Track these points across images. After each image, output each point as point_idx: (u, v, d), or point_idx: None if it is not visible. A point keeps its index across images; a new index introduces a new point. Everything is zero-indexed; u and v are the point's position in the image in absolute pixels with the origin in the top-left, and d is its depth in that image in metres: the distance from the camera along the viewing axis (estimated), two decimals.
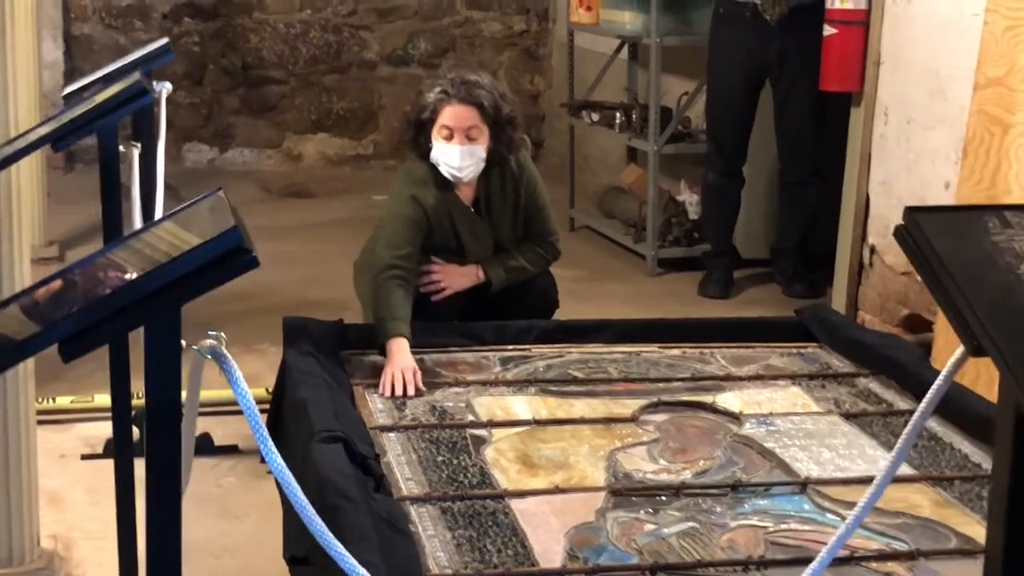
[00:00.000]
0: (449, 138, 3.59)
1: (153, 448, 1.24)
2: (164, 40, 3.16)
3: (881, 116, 4.46)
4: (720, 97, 5.33)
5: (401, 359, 3.21)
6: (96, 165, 2.36)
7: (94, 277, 1.22)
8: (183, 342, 1.27)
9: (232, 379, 1.33)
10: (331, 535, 1.48)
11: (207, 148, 7.77)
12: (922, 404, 1.39)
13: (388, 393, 3.12)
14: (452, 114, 3.59)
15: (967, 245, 1.21)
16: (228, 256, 1.21)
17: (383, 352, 3.29)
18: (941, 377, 1.32)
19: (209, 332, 1.37)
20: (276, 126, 7.84)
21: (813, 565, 1.69)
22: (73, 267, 1.28)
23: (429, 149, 3.64)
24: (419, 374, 3.18)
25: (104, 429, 3.60)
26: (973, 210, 1.36)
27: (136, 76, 2.33)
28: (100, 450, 3.47)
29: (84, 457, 3.46)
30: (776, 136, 5.33)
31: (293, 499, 1.38)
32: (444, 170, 3.63)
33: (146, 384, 1.23)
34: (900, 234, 1.26)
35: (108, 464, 3.40)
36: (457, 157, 3.59)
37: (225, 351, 1.36)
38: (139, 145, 2.57)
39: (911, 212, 1.25)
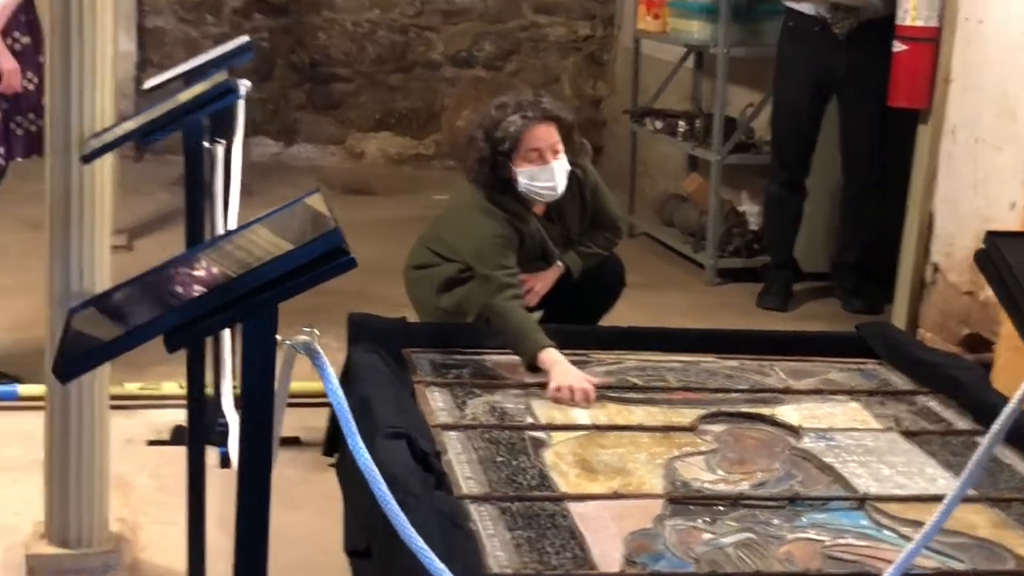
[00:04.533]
0: (539, 159, 3.62)
1: (247, 438, 1.28)
2: (245, 38, 3.22)
3: (949, 134, 4.44)
4: (786, 109, 5.32)
5: (570, 371, 3.27)
6: (165, 155, 2.42)
7: (196, 273, 1.27)
8: (277, 337, 1.32)
9: (324, 374, 1.38)
10: (413, 530, 1.52)
11: (272, 143, 7.85)
12: (994, 427, 1.40)
13: (566, 398, 3.20)
14: (536, 136, 3.62)
15: None
16: (327, 256, 1.25)
17: (532, 368, 3.35)
18: (1014, 400, 1.33)
19: (303, 328, 1.41)
20: (340, 123, 7.92)
21: None
22: (176, 261, 1.33)
23: (506, 180, 3.67)
24: (592, 390, 3.22)
25: (170, 416, 3.67)
26: None
27: (223, 75, 2.39)
28: (167, 437, 3.54)
29: (151, 443, 3.53)
30: (840, 150, 5.32)
31: (378, 493, 1.42)
32: (541, 192, 3.65)
33: (243, 377, 1.28)
34: (980, 258, 1.28)
35: (173, 451, 3.47)
36: (555, 175, 3.64)
37: (318, 347, 1.40)
38: (223, 142, 2.63)
39: (992, 236, 1.27)
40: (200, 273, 1.27)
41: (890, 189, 5.08)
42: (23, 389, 3.65)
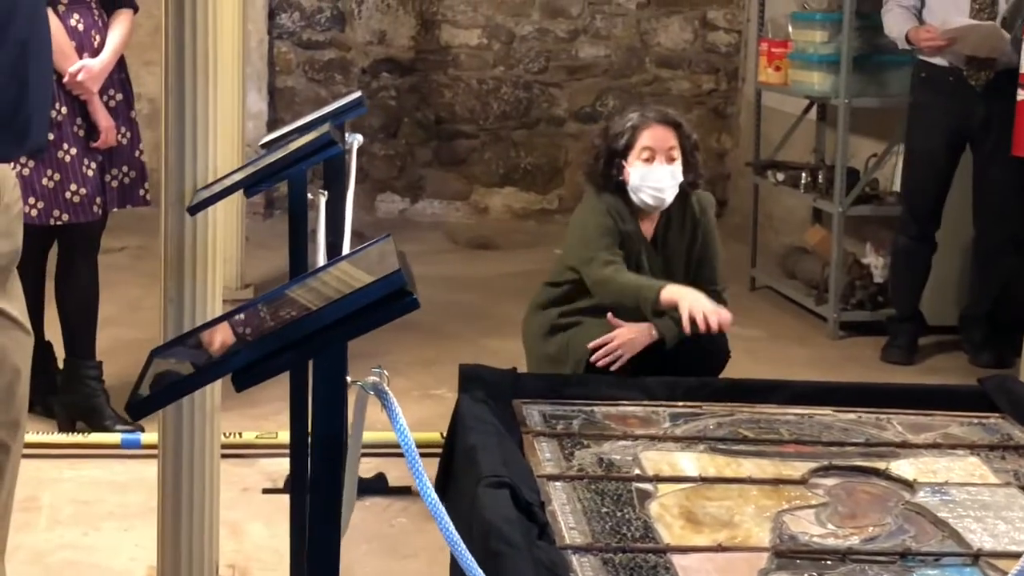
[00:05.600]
0: (650, 160, 3.64)
1: (315, 480, 1.31)
2: (358, 93, 3.30)
3: None
4: (919, 161, 5.24)
5: (700, 297, 3.39)
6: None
7: (268, 314, 1.31)
8: (348, 378, 1.34)
9: (392, 415, 1.40)
10: (476, 566, 1.52)
11: (399, 199, 7.99)
12: None
13: (701, 322, 3.33)
14: (653, 135, 3.65)
15: None
16: (392, 297, 1.28)
17: (656, 311, 3.44)
18: None
19: (373, 369, 1.44)
20: (465, 179, 8.03)
21: None
22: (248, 305, 1.38)
23: (619, 181, 3.68)
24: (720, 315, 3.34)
25: (286, 465, 3.74)
26: None
27: (326, 127, 2.45)
28: (281, 485, 3.60)
29: (265, 491, 3.60)
30: (974, 201, 5.22)
31: (445, 534, 1.44)
32: (647, 194, 3.66)
33: (313, 417, 1.31)
34: None
35: (288, 499, 3.54)
36: (663, 177, 3.63)
37: (387, 388, 1.42)
38: (327, 192, 2.70)
39: None
40: (283, 311, 1.31)
41: None
42: (145, 438, 3.76)
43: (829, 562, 2.58)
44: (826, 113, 6.33)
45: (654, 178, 3.63)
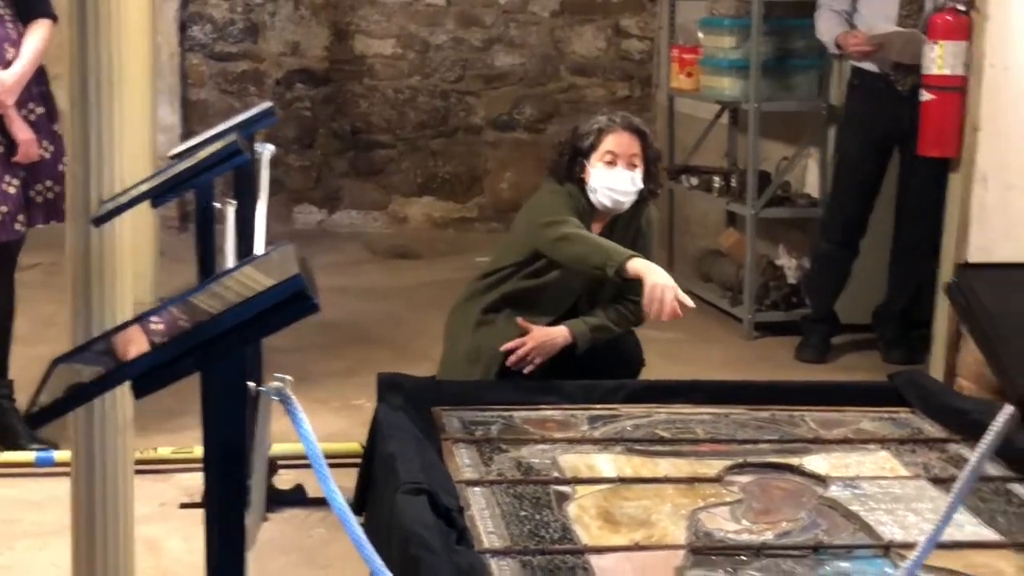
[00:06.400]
0: (612, 163, 3.68)
1: (217, 489, 1.30)
2: (268, 103, 3.29)
3: (980, 182, 4.42)
4: (849, 165, 5.31)
5: (663, 274, 3.44)
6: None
7: (166, 322, 1.30)
8: (251, 384, 1.34)
9: (296, 420, 1.40)
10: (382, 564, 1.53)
11: (316, 210, 7.95)
12: (977, 450, 1.40)
13: (656, 309, 3.37)
14: (617, 141, 3.70)
15: (1014, 300, 1.23)
16: (291, 300, 1.28)
17: (621, 274, 3.45)
18: (993, 433, 1.33)
19: (275, 375, 1.44)
20: (383, 189, 8.01)
21: None
22: (148, 313, 1.37)
23: (579, 179, 3.72)
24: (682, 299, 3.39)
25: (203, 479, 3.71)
26: (1021, 267, 1.38)
27: (232, 136, 2.44)
28: (199, 499, 3.57)
29: (183, 506, 3.56)
30: (896, 203, 5.31)
31: (352, 536, 1.44)
32: (605, 196, 3.69)
33: (210, 425, 1.30)
34: (950, 290, 1.29)
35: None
36: (622, 181, 3.68)
37: (290, 393, 1.42)
38: (234, 202, 2.69)
39: (961, 269, 1.27)
40: (183, 318, 1.31)
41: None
42: (59, 455, 3.71)
43: (744, 557, 2.63)
44: (737, 118, 6.42)
45: (613, 181, 3.68)
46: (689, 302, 3.42)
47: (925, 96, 4.59)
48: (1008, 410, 1.25)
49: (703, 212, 6.86)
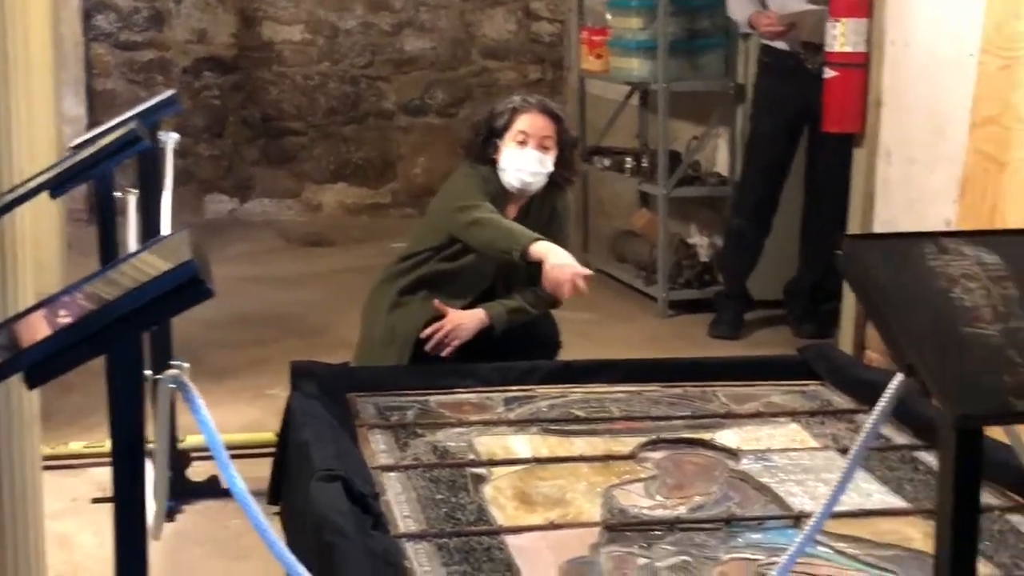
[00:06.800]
0: (524, 144, 3.68)
1: (117, 477, 1.29)
2: (171, 91, 3.25)
3: (883, 157, 4.50)
4: (761, 144, 5.37)
5: (565, 255, 3.44)
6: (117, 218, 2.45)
7: (62, 310, 1.29)
8: (147, 372, 1.33)
9: (194, 407, 1.39)
10: (290, 554, 1.52)
11: (228, 199, 7.88)
12: (871, 417, 1.43)
13: (554, 289, 3.40)
14: (530, 121, 3.70)
15: (903, 270, 1.26)
16: (185, 286, 1.27)
17: (525, 258, 3.46)
18: (884, 398, 1.36)
19: (172, 362, 1.43)
20: (295, 176, 7.95)
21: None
22: (44, 302, 1.35)
23: (492, 160, 3.72)
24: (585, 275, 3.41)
25: None
26: (911, 237, 1.41)
27: (131, 125, 2.41)
28: (111, 494, 3.53)
29: (95, 501, 3.52)
30: (806, 180, 5.38)
31: (251, 517, 1.43)
32: (513, 176, 3.70)
33: (110, 412, 1.29)
34: (840, 261, 1.31)
35: None
36: (532, 162, 3.68)
37: (187, 380, 1.41)
38: (135, 192, 2.65)
39: (851, 240, 1.30)
40: (79, 305, 1.29)
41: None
42: None
43: (658, 532, 2.65)
44: (647, 98, 6.46)
45: (522, 161, 3.68)
46: (587, 272, 3.45)
47: (829, 73, 4.65)
48: (899, 378, 1.28)
49: (616, 193, 6.90)
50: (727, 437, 3.21)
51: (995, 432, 1.84)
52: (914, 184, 4.33)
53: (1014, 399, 1.20)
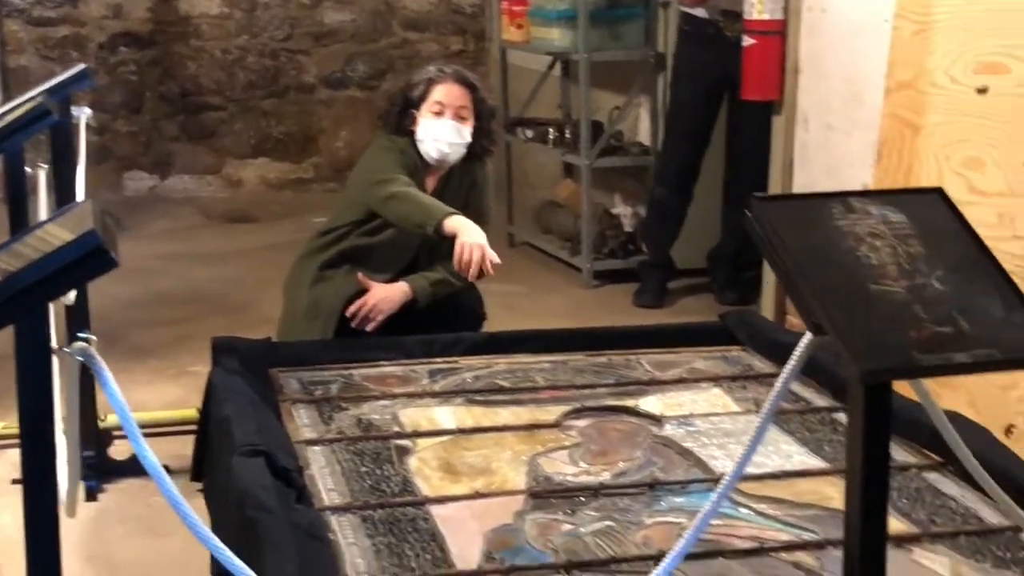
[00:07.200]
0: (440, 114, 3.67)
1: (27, 453, 1.27)
2: (82, 65, 3.19)
3: (802, 123, 4.55)
4: (682, 112, 5.40)
5: (477, 233, 3.41)
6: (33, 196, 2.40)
7: None
8: (54, 345, 1.31)
9: (103, 380, 1.37)
10: (210, 533, 1.51)
11: (147, 176, 7.78)
12: (783, 373, 1.45)
13: (464, 266, 3.38)
14: (446, 91, 3.69)
15: (811, 230, 1.27)
16: (89, 257, 1.25)
17: (439, 233, 3.45)
18: (795, 358, 1.37)
19: (79, 335, 1.40)
20: (216, 152, 7.86)
21: (686, 535, 1.73)
22: None
23: (409, 132, 3.69)
24: (493, 256, 3.40)
25: None
26: (818, 197, 1.43)
27: (39, 99, 2.36)
28: None
29: (14, 482, 3.46)
30: (727, 148, 5.42)
31: (163, 490, 1.42)
32: (431, 147, 3.68)
33: (18, 386, 1.27)
34: (749, 223, 1.33)
35: None
36: (450, 132, 3.66)
37: (95, 353, 1.39)
38: (46, 167, 2.60)
39: (759, 201, 1.31)
40: None
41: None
42: None
43: (583, 498, 2.66)
44: (569, 69, 6.46)
45: (439, 132, 3.67)
46: (496, 259, 3.44)
47: (747, 41, 4.68)
48: (808, 337, 1.29)
49: (540, 164, 6.91)
50: (651, 404, 3.22)
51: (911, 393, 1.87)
52: (832, 149, 4.37)
53: (919, 354, 1.22)
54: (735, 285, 5.44)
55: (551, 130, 6.21)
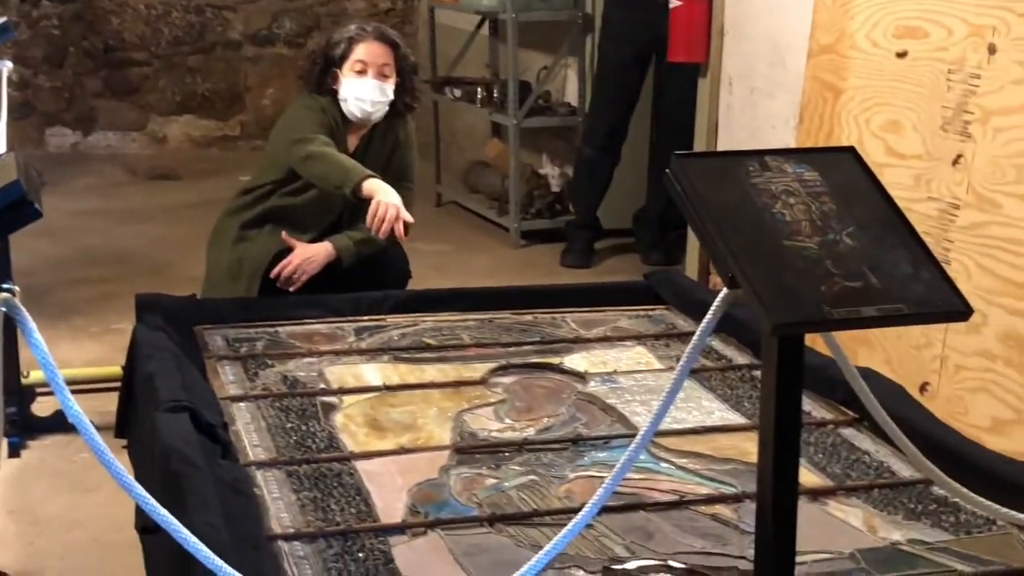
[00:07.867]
0: (362, 73, 3.67)
1: None
2: (3, 19, 3.14)
3: (726, 85, 4.59)
4: (610, 73, 5.42)
5: (392, 195, 3.43)
6: None
7: None
8: None
9: (26, 331, 1.37)
10: (136, 484, 1.52)
11: (70, 132, 7.66)
12: (700, 327, 1.48)
13: (377, 225, 3.41)
14: (367, 50, 3.69)
15: (727, 187, 1.31)
16: (12, 208, 1.25)
17: (356, 194, 3.47)
18: (711, 312, 1.41)
19: (2, 286, 1.40)
20: (140, 108, 7.76)
21: (599, 491, 1.77)
22: None
23: (331, 90, 3.68)
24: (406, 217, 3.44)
25: None
26: (735, 155, 1.46)
27: None
28: None
29: None
30: (653, 110, 5.46)
31: (89, 441, 1.42)
32: (354, 106, 3.68)
33: None
34: (668, 179, 1.35)
35: None
36: (371, 91, 3.66)
37: (19, 304, 1.39)
38: None
39: (678, 158, 1.34)
40: None
41: None
42: None
43: (507, 453, 2.69)
44: (497, 28, 6.46)
45: (362, 90, 3.67)
46: (410, 218, 3.47)
47: (674, 3, 4.71)
48: (723, 292, 1.33)
49: (469, 124, 6.91)
50: (575, 361, 3.26)
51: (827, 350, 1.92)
52: (756, 112, 4.43)
53: (830, 308, 1.26)
54: (660, 246, 5.50)
55: (479, 90, 6.21)
